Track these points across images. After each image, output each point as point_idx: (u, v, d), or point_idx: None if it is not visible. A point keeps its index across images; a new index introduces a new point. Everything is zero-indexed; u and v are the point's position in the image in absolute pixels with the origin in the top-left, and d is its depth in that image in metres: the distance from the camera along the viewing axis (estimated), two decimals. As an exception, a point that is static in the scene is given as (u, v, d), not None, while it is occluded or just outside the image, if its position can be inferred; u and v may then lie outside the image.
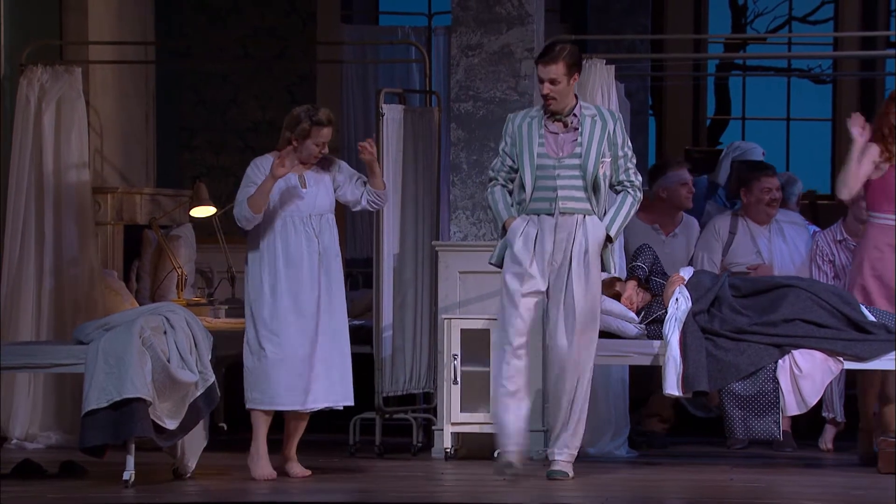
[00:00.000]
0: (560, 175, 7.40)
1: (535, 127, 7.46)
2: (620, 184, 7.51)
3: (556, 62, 7.40)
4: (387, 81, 11.23)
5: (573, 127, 7.44)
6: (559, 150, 7.43)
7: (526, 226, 7.44)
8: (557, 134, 7.46)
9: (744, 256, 8.93)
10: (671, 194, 9.05)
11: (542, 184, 7.43)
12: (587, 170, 7.40)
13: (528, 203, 7.44)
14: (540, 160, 7.42)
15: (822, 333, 7.81)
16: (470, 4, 8.38)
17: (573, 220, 7.42)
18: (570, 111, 7.46)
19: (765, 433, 7.74)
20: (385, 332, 8.61)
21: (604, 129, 7.44)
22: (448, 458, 8.15)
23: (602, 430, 8.44)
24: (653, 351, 7.91)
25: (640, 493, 7.17)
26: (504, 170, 7.55)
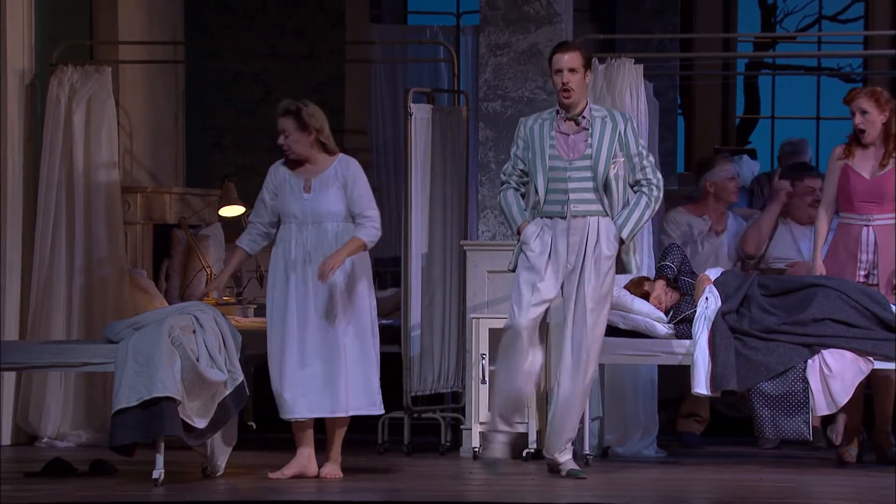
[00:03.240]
0: (571, 177, 7.41)
1: (547, 129, 7.48)
2: (637, 183, 7.51)
3: (575, 50, 7.45)
4: (415, 81, 11.24)
5: (584, 128, 7.45)
6: (570, 152, 7.44)
7: (541, 231, 7.45)
8: (568, 135, 7.47)
9: (784, 254, 8.95)
10: (718, 188, 9.05)
11: (553, 186, 7.44)
12: (598, 171, 7.40)
13: (542, 206, 7.45)
14: (551, 162, 7.44)
15: (852, 333, 7.79)
16: (498, 4, 8.38)
17: (585, 222, 7.42)
18: (581, 112, 7.47)
19: (794, 433, 7.71)
20: (413, 331, 8.62)
21: (614, 129, 7.45)
22: (476, 458, 8.15)
23: (631, 429, 8.43)
24: (682, 350, 7.90)
25: (668, 493, 7.16)
26: (516, 173, 7.56)
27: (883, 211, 8.20)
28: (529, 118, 7.61)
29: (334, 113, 11.71)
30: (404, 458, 8.34)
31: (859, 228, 8.20)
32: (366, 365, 7.41)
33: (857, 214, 8.21)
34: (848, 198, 8.22)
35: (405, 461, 8.19)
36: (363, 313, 7.47)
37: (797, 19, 15.47)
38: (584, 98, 7.50)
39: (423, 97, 8.83)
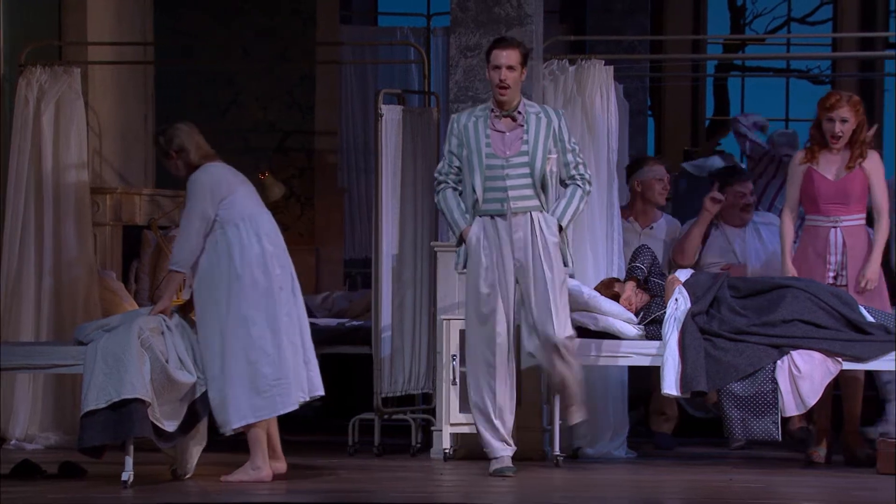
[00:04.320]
0: (509, 175, 7.45)
1: (482, 127, 7.51)
2: (571, 178, 7.56)
3: (514, 48, 7.50)
4: (386, 82, 11.25)
5: (519, 124, 7.47)
6: (506, 149, 7.47)
7: (483, 234, 7.46)
8: (504, 133, 7.50)
9: (718, 258, 8.97)
10: (645, 188, 9.04)
11: (491, 185, 7.47)
12: (535, 167, 7.45)
13: (481, 205, 7.46)
14: (488, 160, 7.47)
15: (821, 334, 7.82)
16: (469, 5, 8.38)
17: (526, 218, 7.46)
18: (516, 108, 7.49)
19: (764, 434, 7.74)
20: (384, 332, 8.61)
21: (549, 125, 7.50)
22: (447, 459, 8.15)
23: (601, 430, 8.44)
24: (652, 351, 7.92)
25: (638, 494, 7.18)
26: (452, 172, 7.58)
27: (850, 212, 8.25)
28: (462, 114, 7.64)
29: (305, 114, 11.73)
30: (375, 459, 8.33)
31: (827, 230, 8.25)
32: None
33: (824, 216, 8.26)
34: (814, 200, 8.27)
35: (375, 462, 8.19)
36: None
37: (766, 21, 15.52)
38: (518, 95, 7.54)
39: (393, 98, 8.82)
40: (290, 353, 7.26)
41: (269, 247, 7.28)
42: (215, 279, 7.25)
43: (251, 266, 7.23)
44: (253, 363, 7.19)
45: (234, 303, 7.21)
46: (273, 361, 7.19)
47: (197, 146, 7.39)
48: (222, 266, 7.24)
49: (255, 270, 7.23)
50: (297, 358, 7.29)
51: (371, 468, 7.92)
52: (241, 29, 11.79)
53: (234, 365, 7.18)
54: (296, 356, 7.29)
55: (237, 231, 7.26)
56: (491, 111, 7.56)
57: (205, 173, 7.31)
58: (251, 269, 7.23)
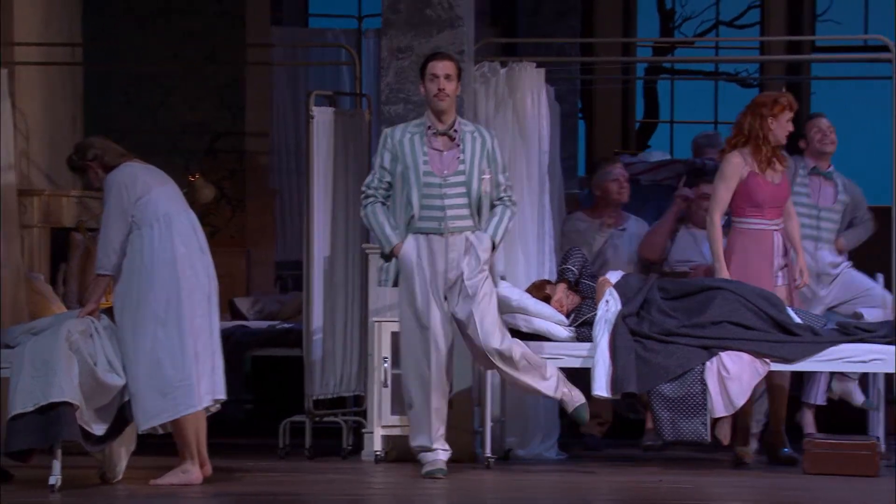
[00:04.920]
0: (446, 194, 7.46)
1: (419, 143, 7.51)
2: (500, 199, 7.61)
3: (450, 60, 7.56)
4: (317, 84, 11.22)
5: (456, 143, 7.49)
6: (444, 169, 7.48)
7: (417, 253, 7.47)
8: (441, 151, 7.51)
9: (685, 257, 9.04)
10: (603, 191, 9.11)
11: (428, 203, 7.47)
12: (472, 188, 7.49)
13: (416, 222, 7.47)
14: (426, 178, 7.47)
15: (749, 335, 7.88)
16: (400, 7, 8.38)
17: (462, 237, 7.48)
18: (452, 126, 7.51)
19: (693, 435, 7.79)
20: (315, 335, 8.59)
21: (483, 145, 7.54)
22: (378, 461, 8.14)
23: (532, 432, 8.47)
24: (583, 353, 7.95)
25: (569, 495, 7.20)
26: (382, 187, 7.57)
27: (781, 215, 8.33)
28: (396, 129, 7.63)
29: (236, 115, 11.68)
30: (305, 462, 8.31)
31: (770, 234, 8.29)
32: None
33: (769, 220, 8.29)
34: (758, 204, 8.26)
35: (306, 465, 8.17)
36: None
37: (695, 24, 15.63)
38: (454, 110, 7.56)
39: (325, 100, 8.80)
40: (199, 356, 7.20)
41: (182, 248, 7.22)
42: (130, 280, 7.21)
43: (162, 268, 7.18)
44: (159, 365, 7.14)
45: (143, 304, 7.17)
46: (177, 363, 7.14)
47: (111, 149, 7.35)
48: (135, 267, 7.20)
49: (166, 272, 7.18)
50: (206, 361, 7.24)
51: (302, 471, 7.90)
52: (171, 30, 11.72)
53: (141, 367, 7.15)
54: (206, 359, 7.24)
55: (151, 232, 7.21)
56: (427, 128, 7.55)
57: (119, 174, 7.27)
58: (162, 271, 7.18)
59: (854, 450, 7.77)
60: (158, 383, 7.13)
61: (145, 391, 7.13)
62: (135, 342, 7.15)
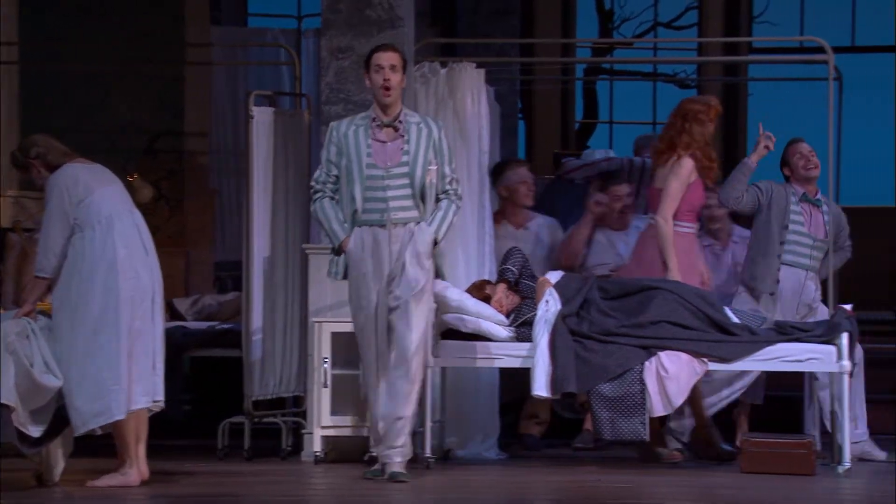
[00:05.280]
0: (389, 185, 7.43)
1: (363, 136, 7.47)
2: (445, 192, 7.55)
3: (395, 51, 7.51)
4: (256, 83, 11.18)
5: (400, 134, 7.47)
6: (387, 160, 7.45)
7: (363, 245, 7.44)
8: (385, 143, 7.47)
9: (602, 259, 9.08)
10: (511, 192, 9.11)
11: (371, 195, 7.43)
12: (415, 179, 7.44)
13: (360, 215, 7.45)
14: (369, 171, 7.43)
15: (688, 335, 7.94)
16: (340, 7, 8.37)
17: (406, 229, 7.45)
18: (397, 117, 7.49)
19: (632, 434, 7.83)
20: (255, 335, 8.57)
21: (429, 136, 7.49)
22: (318, 462, 8.13)
23: (472, 432, 8.48)
24: (522, 353, 7.97)
25: (509, 495, 7.22)
26: (329, 181, 7.54)
27: None
28: (342, 123, 7.59)
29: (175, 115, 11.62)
30: (244, 463, 8.28)
31: (695, 237, 8.43)
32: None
33: (696, 225, 8.46)
34: (694, 209, 8.46)
35: (245, 467, 8.14)
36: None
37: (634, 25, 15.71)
38: (399, 101, 7.52)
39: (264, 100, 8.78)
40: (136, 359, 7.16)
41: (123, 251, 7.16)
42: (69, 282, 7.15)
43: (102, 270, 7.13)
44: (92, 368, 7.10)
45: (81, 306, 7.12)
46: (112, 367, 7.09)
47: (54, 148, 7.29)
48: (75, 269, 7.15)
49: (107, 275, 7.13)
50: (145, 364, 7.20)
51: (241, 472, 7.88)
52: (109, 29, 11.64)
53: (75, 369, 7.10)
54: (145, 362, 7.19)
55: (93, 234, 7.16)
56: (372, 120, 7.54)
57: (61, 175, 7.22)
58: (102, 274, 7.13)
59: (790, 449, 7.83)
60: (91, 386, 7.08)
61: (79, 394, 7.09)
62: (70, 344, 7.10)
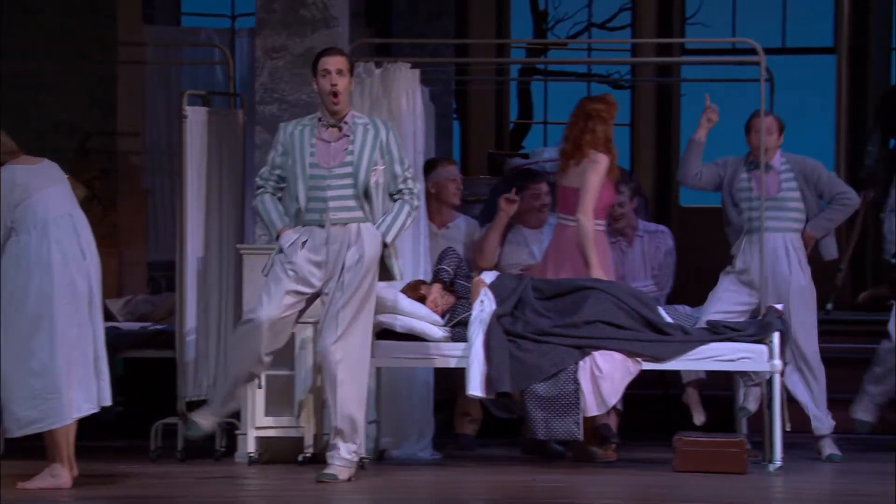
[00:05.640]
0: (331, 185, 7.41)
1: (307, 136, 7.46)
2: (399, 192, 7.54)
3: (342, 55, 7.51)
4: (190, 83, 11.13)
5: (345, 134, 7.46)
6: (330, 160, 7.44)
7: (300, 238, 7.42)
8: (329, 143, 7.46)
9: (516, 259, 9.12)
10: (439, 189, 9.11)
11: (313, 195, 7.42)
12: (359, 178, 7.42)
13: (304, 214, 7.43)
14: (311, 170, 7.42)
15: (622, 335, 7.98)
16: (274, 7, 8.35)
17: (346, 229, 7.42)
18: (343, 118, 7.49)
19: (566, 433, 7.87)
20: (188, 335, 8.53)
21: (376, 137, 7.48)
22: (251, 463, 8.10)
23: (406, 432, 8.49)
24: (457, 353, 7.98)
25: (443, 495, 7.23)
26: (272, 178, 7.53)
27: None
28: (290, 123, 7.59)
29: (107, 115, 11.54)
30: (178, 464, 8.24)
31: (605, 235, 8.61)
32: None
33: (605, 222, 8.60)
34: (607, 207, 8.62)
35: (178, 468, 8.10)
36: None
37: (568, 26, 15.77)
38: (348, 105, 7.52)
39: (198, 100, 8.74)
40: (73, 366, 7.10)
41: (58, 255, 7.09)
42: (4, 286, 7.08)
43: (37, 275, 7.06)
44: (29, 375, 7.03)
45: (18, 311, 7.05)
46: (48, 374, 7.02)
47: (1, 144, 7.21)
48: (10, 274, 7.08)
49: (41, 281, 7.06)
50: (86, 370, 7.13)
51: (174, 474, 7.83)
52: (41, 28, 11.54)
53: (11, 375, 7.03)
54: (85, 368, 7.13)
55: (28, 238, 7.09)
56: (319, 120, 7.51)
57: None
58: (37, 279, 7.06)
59: (722, 447, 7.89)
60: (28, 393, 7.02)
61: (16, 400, 7.02)
62: (6, 349, 7.03)
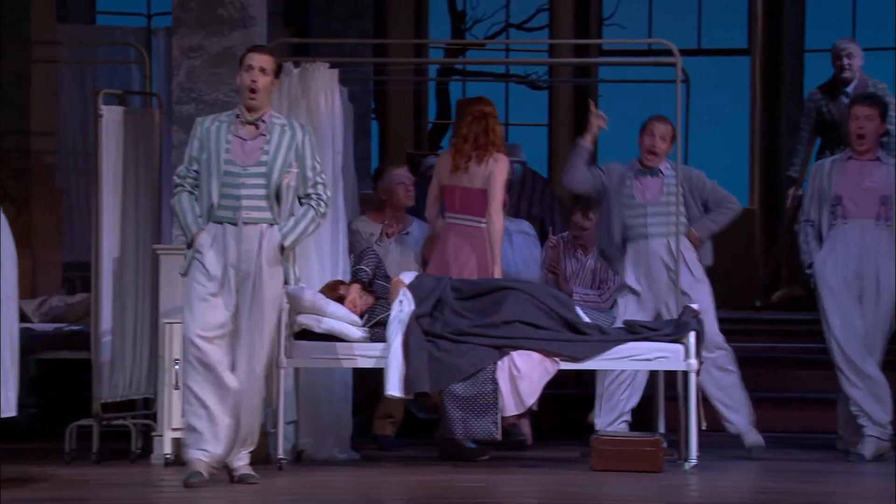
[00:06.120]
0: (245, 184, 7.37)
1: (224, 132, 7.42)
2: (308, 196, 7.51)
3: (268, 54, 7.47)
4: (105, 82, 11.03)
5: (262, 133, 7.43)
6: (245, 158, 7.41)
7: (213, 239, 7.38)
8: (245, 141, 7.43)
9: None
10: (389, 194, 9.14)
11: (227, 192, 7.37)
12: (271, 178, 7.39)
13: (216, 211, 7.39)
14: (226, 167, 7.38)
15: (540, 335, 8.01)
16: (191, 6, 8.30)
17: (257, 229, 7.39)
18: (261, 117, 7.45)
19: (484, 433, 7.88)
20: (104, 336, 8.46)
21: (292, 138, 7.45)
22: (168, 465, 8.05)
23: (325, 432, 8.47)
24: (376, 353, 7.98)
25: (361, 496, 7.22)
26: (190, 175, 7.47)
27: None
28: (207, 119, 7.54)
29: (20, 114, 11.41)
30: (93, 466, 8.17)
31: None
32: None
33: None
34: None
35: (93, 470, 8.03)
36: None
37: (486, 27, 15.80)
38: (267, 103, 7.48)
39: (114, 99, 8.67)
40: None
41: None
42: None
43: None
44: None
45: None
46: None
47: None
48: None
49: None
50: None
51: (89, 476, 7.77)
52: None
53: None
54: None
55: None
56: (236, 117, 7.47)
57: None
58: None
59: (639, 446, 7.94)
60: None
61: None
62: None
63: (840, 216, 8.77)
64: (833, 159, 9.04)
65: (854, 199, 8.80)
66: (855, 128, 8.86)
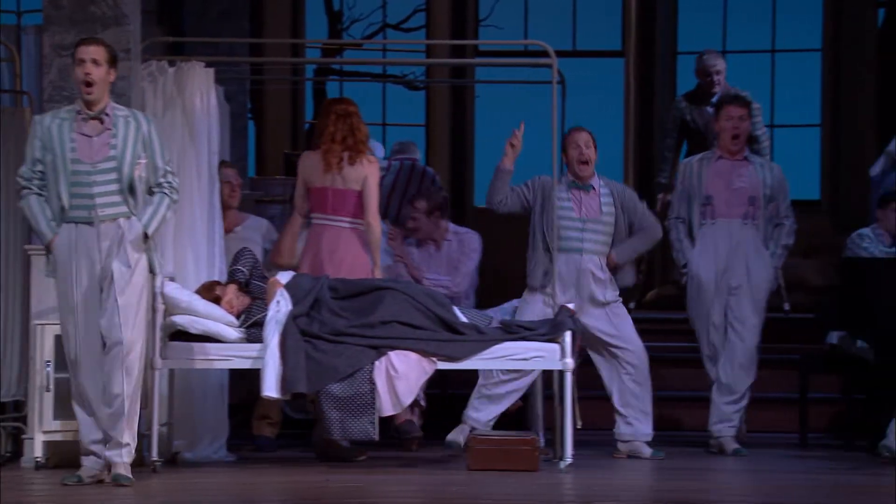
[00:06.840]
0: (96, 181, 7.30)
1: (66, 131, 7.33)
2: (158, 185, 7.46)
3: (99, 44, 7.37)
4: (-25, 80, 10.85)
5: (107, 128, 7.36)
6: (94, 155, 7.33)
7: (70, 243, 7.29)
8: (91, 137, 7.35)
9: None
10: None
11: (78, 191, 7.29)
12: (123, 173, 7.33)
13: (68, 212, 7.30)
14: (74, 166, 7.29)
15: (417, 335, 8.03)
16: (63, 3, 8.19)
17: (115, 225, 7.33)
18: (103, 110, 7.37)
19: (361, 433, 7.89)
20: (-26, 338, 8.32)
21: (138, 129, 7.39)
22: (39, 468, 7.94)
23: (200, 434, 8.41)
24: (253, 354, 7.94)
25: (236, 497, 7.18)
26: (35, 177, 7.36)
27: None
28: (46, 116, 7.44)
29: None
30: (-37, 471, 8.03)
31: None
32: None
33: None
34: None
35: (-36, 474, 7.89)
36: None
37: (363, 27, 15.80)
38: (105, 96, 7.39)
39: (-17, 97, 8.54)
40: None
41: None
42: None
43: None
44: None
45: None
46: None
47: None
48: None
49: None
50: None
51: (-41, 480, 7.63)
52: None
53: None
54: None
55: None
56: (77, 113, 7.37)
57: None
58: None
59: (515, 445, 7.99)
60: None
61: None
62: None
63: (709, 216, 9.03)
64: (701, 157, 9.27)
65: (724, 199, 9.03)
66: (730, 128, 9.10)
